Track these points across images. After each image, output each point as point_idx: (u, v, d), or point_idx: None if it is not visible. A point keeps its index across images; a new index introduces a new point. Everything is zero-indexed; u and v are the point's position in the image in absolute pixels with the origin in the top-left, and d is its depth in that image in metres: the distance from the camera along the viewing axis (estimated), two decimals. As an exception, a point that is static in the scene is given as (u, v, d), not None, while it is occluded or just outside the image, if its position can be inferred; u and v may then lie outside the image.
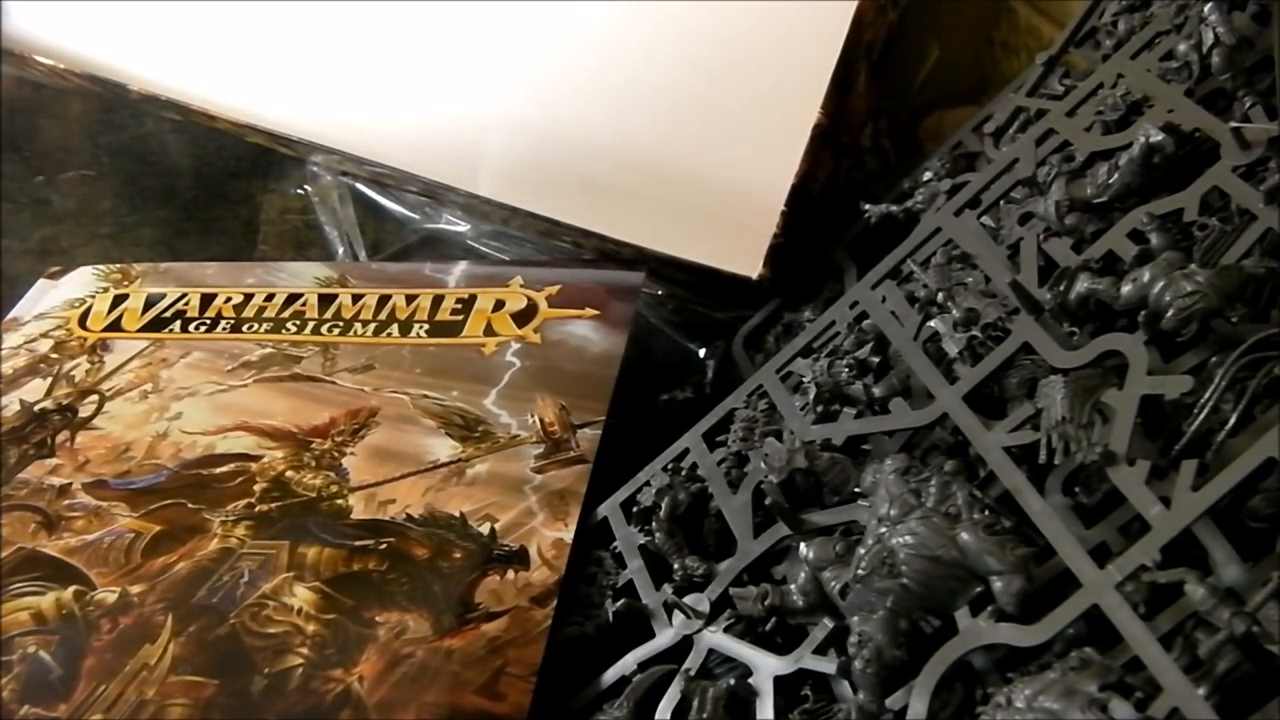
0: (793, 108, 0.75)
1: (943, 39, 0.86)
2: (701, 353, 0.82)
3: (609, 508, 0.64)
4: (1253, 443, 0.45)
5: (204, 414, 0.74)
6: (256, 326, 0.81)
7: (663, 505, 0.61)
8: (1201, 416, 0.47)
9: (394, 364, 0.76)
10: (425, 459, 0.68)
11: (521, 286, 0.80)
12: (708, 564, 0.59)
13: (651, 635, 0.58)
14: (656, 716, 0.54)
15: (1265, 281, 0.49)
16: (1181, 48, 0.58)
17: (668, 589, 0.59)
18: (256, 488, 0.68)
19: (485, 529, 0.63)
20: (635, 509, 0.63)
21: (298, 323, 0.80)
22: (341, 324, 0.79)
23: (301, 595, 0.61)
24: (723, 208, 0.75)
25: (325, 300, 0.82)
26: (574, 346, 0.75)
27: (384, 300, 0.80)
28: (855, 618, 0.50)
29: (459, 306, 0.79)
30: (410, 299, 0.80)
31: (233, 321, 0.82)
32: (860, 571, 0.50)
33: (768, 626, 0.55)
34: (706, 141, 0.77)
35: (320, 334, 0.79)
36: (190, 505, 0.67)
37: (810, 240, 0.77)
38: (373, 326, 0.78)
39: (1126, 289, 0.51)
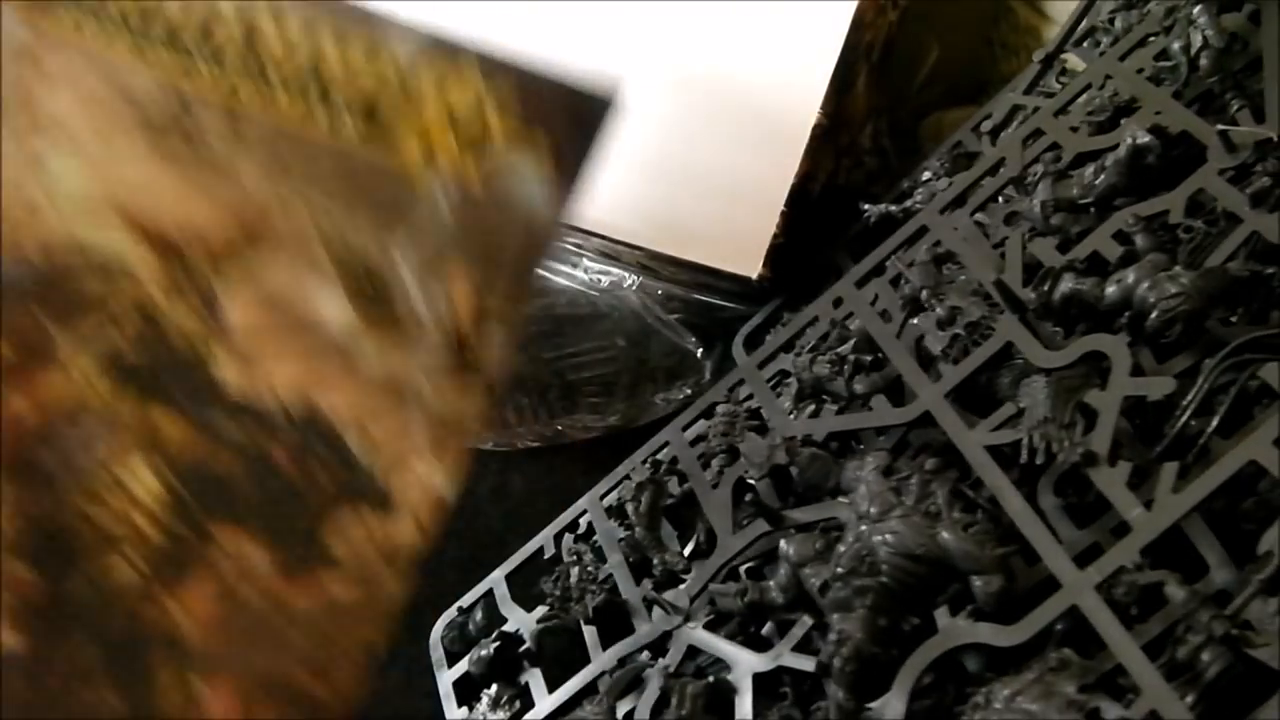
0: (793, 108, 0.75)
1: (942, 39, 0.86)
2: (700, 353, 0.82)
3: (589, 501, 0.64)
4: (1236, 445, 0.45)
5: (82, 183, 0.56)
6: (162, 48, 0.58)
7: (642, 500, 0.61)
8: (1183, 419, 0.47)
9: (306, 160, 0.57)
10: (314, 322, 0.55)
11: (474, 74, 0.59)
12: (688, 560, 0.59)
13: (631, 630, 0.58)
14: (635, 713, 0.54)
15: (1257, 284, 0.49)
16: (1175, 47, 0.58)
17: (648, 584, 0.59)
18: (126, 330, 0.54)
19: (354, 441, 0.52)
20: (616, 503, 0.63)
21: (214, 65, 0.58)
22: (261, 76, 0.58)
23: (147, 484, 0.52)
24: (723, 208, 0.76)
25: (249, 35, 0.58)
26: (514, 207, 0.59)
27: (312, 45, 0.57)
28: (835, 615, 0.50)
29: (395, 81, 0.58)
30: (342, 45, 0.57)
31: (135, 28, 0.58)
32: (840, 569, 0.50)
33: (748, 623, 0.55)
34: (706, 141, 0.77)
35: (236, 80, 0.58)
36: (42, 318, 0.55)
37: (810, 240, 0.77)
38: (295, 90, 0.58)
39: (1110, 290, 0.51)
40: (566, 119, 0.59)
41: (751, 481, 0.58)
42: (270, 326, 0.55)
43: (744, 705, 0.52)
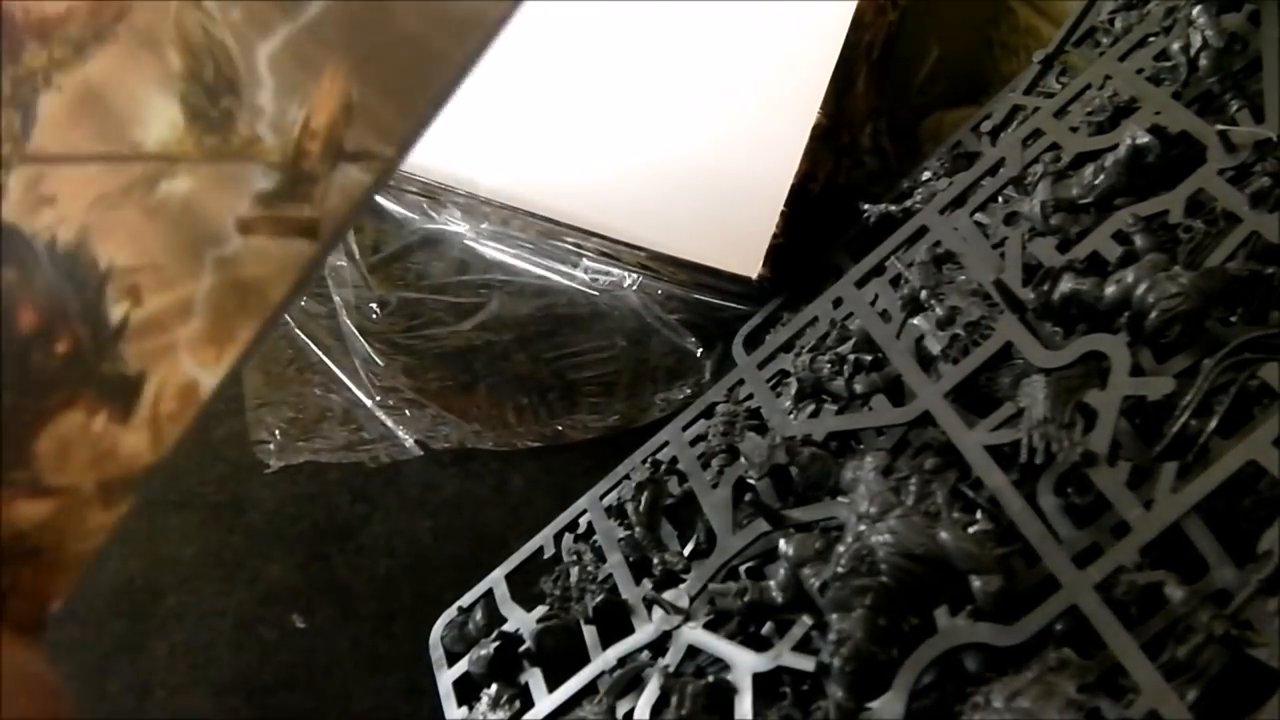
0: (793, 108, 0.75)
1: (942, 39, 0.86)
2: (700, 353, 0.82)
3: (589, 501, 0.64)
4: (1236, 444, 0.45)
5: None
6: None
7: (642, 500, 0.61)
8: (1183, 418, 0.47)
9: None
10: (126, 138, 0.41)
11: None
12: (688, 560, 0.59)
13: (631, 630, 0.58)
14: (635, 713, 0.54)
15: (1256, 284, 0.49)
16: (1175, 47, 0.58)
17: (648, 584, 0.59)
18: None
19: (119, 312, 0.38)
20: (616, 503, 0.63)
21: None
22: None
23: None
24: (723, 208, 0.76)
25: None
26: None
27: None
28: (834, 615, 0.50)
29: None
30: None
31: None
32: (840, 569, 0.50)
33: (748, 623, 0.55)
34: (707, 141, 0.77)
35: None
36: None
37: (810, 240, 0.77)
38: None
39: (1110, 290, 0.51)
40: None
41: (751, 481, 0.58)
42: (78, 135, 0.42)
43: (744, 705, 0.52)
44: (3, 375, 0.37)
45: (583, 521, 0.67)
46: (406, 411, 0.86)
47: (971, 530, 0.48)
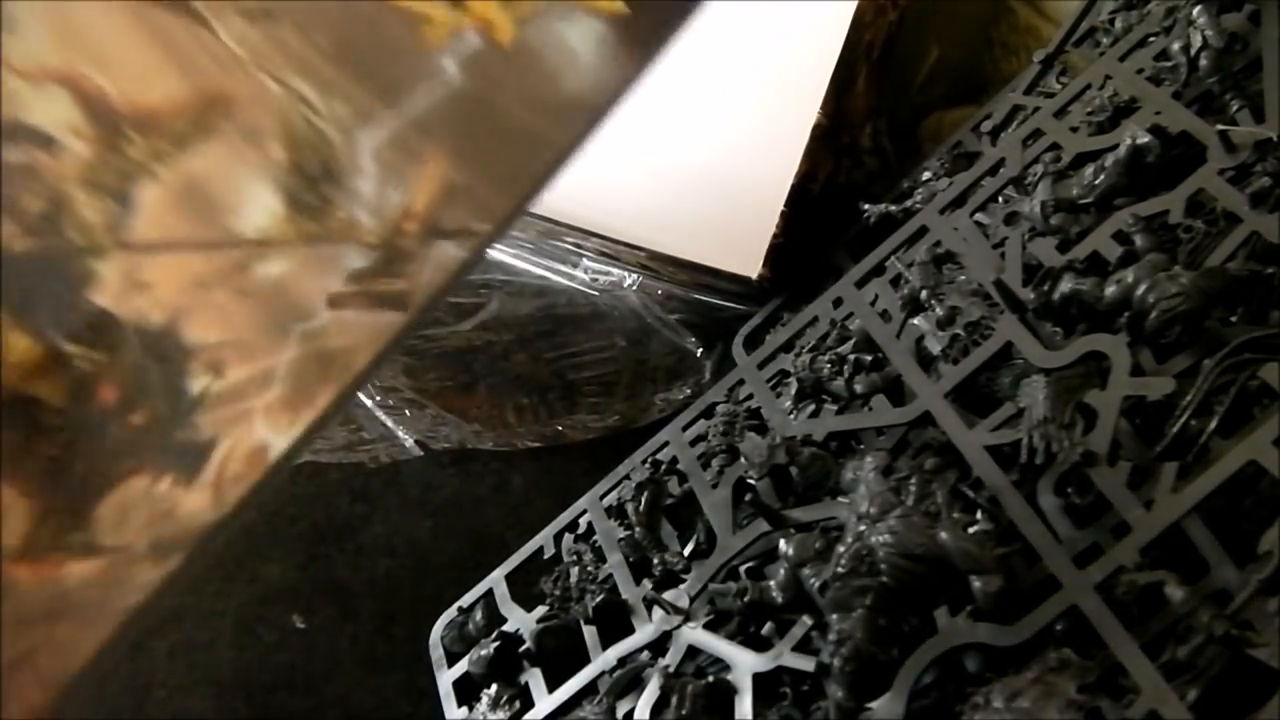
0: (793, 108, 0.75)
1: (942, 39, 0.86)
2: (700, 353, 0.82)
3: (589, 501, 0.64)
4: (1236, 444, 0.45)
5: (41, 37, 0.43)
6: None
7: (642, 500, 0.61)
8: (1183, 418, 0.47)
9: (296, 25, 0.44)
10: (224, 225, 0.42)
11: None
12: (688, 560, 0.59)
13: (631, 630, 0.58)
14: (635, 713, 0.54)
15: (1257, 284, 0.49)
16: (1175, 47, 0.58)
17: (648, 584, 0.59)
18: (31, 205, 0.41)
19: (199, 385, 0.39)
20: (616, 503, 0.63)
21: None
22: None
23: None
24: (723, 208, 0.76)
25: None
26: (556, 64, 0.43)
27: None
28: (834, 615, 0.50)
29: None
30: None
31: None
32: (840, 569, 0.50)
33: (748, 623, 0.55)
34: (707, 142, 0.77)
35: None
36: None
37: (810, 240, 0.77)
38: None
39: (1110, 290, 0.51)
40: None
41: (751, 481, 0.58)
42: (178, 223, 0.43)
43: (744, 705, 0.52)
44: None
45: (583, 521, 0.67)
46: (406, 411, 0.86)
47: (971, 530, 0.48)
